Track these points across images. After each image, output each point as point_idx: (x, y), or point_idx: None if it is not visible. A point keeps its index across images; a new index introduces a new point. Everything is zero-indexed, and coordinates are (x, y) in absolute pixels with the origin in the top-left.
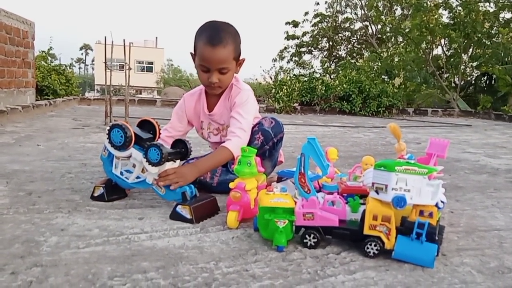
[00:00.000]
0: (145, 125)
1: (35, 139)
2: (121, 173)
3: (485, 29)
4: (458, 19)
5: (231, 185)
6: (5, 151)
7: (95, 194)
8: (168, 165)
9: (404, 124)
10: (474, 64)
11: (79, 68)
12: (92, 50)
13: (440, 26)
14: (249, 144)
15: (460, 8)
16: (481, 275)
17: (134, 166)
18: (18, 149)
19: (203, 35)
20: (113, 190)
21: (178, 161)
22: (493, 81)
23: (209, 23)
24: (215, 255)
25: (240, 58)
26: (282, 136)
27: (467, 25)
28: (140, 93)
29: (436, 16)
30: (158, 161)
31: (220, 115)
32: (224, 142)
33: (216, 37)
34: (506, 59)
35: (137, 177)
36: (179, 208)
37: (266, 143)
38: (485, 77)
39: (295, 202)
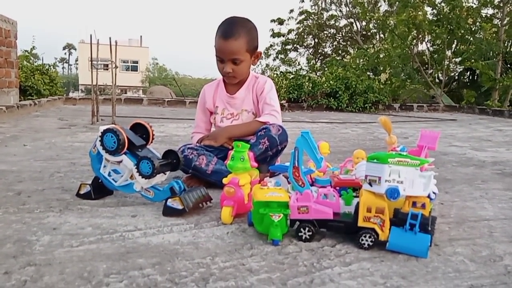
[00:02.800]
0: (138, 128)
1: (21, 139)
2: (109, 174)
3: (467, 25)
4: (441, 15)
5: (224, 180)
6: None
7: (81, 192)
8: (158, 177)
9: (391, 119)
10: (458, 59)
11: (63, 68)
12: (75, 49)
13: (426, 22)
14: (253, 148)
15: (443, 4)
16: (473, 263)
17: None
18: (4, 149)
19: (219, 29)
20: (100, 188)
21: (168, 172)
22: (476, 76)
23: (228, 18)
24: (211, 250)
25: (257, 51)
26: (286, 145)
27: (451, 21)
28: (126, 93)
29: (422, 12)
30: (150, 174)
31: (241, 100)
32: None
33: (229, 30)
34: (488, 54)
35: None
36: (170, 202)
37: (270, 149)
38: (468, 73)
39: (289, 196)
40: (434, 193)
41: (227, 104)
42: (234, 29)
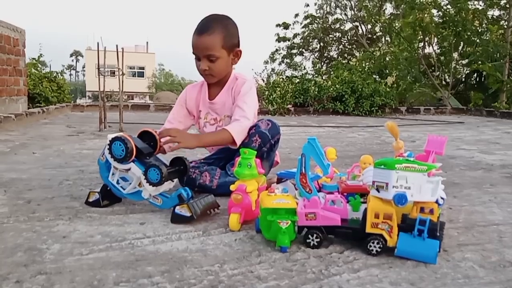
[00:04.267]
0: (145, 136)
1: (30, 147)
2: (117, 182)
3: (474, 27)
4: (447, 17)
5: (232, 187)
6: (1, 159)
7: (90, 200)
8: (166, 184)
9: (398, 122)
10: (465, 61)
11: (70, 74)
12: (82, 56)
13: (433, 24)
14: (246, 146)
15: (449, 6)
16: (483, 269)
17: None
18: (14, 157)
19: (197, 26)
20: (109, 196)
21: (175, 180)
22: (483, 78)
23: (207, 16)
24: (219, 258)
25: (236, 49)
26: (279, 137)
27: (457, 23)
28: (132, 99)
29: (429, 14)
30: (158, 182)
31: (222, 104)
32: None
33: (203, 26)
34: (495, 56)
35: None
36: (178, 209)
37: (263, 145)
38: (475, 74)
39: (297, 203)
40: (442, 198)
41: (209, 109)
42: (208, 24)
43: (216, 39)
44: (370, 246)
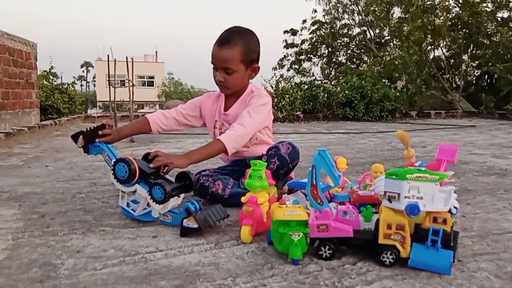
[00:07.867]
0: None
1: (43, 160)
2: (128, 205)
3: (488, 29)
4: (455, 20)
5: (243, 199)
6: (15, 173)
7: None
8: (173, 201)
9: (408, 127)
10: (475, 64)
11: (81, 85)
12: (93, 67)
13: (445, 28)
14: None
15: (459, 9)
16: (499, 280)
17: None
18: (27, 170)
19: (219, 36)
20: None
21: (182, 195)
22: (494, 80)
23: (230, 27)
24: (231, 271)
25: (255, 65)
26: (297, 162)
27: (471, 26)
28: (142, 108)
29: (444, 17)
30: (162, 200)
31: (235, 116)
32: None
33: (225, 38)
34: (506, 58)
35: (143, 209)
36: (185, 222)
37: (281, 168)
38: (486, 76)
39: (308, 214)
40: (455, 207)
41: (224, 121)
42: (231, 37)
43: (235, 53)
44: (383, 257)
